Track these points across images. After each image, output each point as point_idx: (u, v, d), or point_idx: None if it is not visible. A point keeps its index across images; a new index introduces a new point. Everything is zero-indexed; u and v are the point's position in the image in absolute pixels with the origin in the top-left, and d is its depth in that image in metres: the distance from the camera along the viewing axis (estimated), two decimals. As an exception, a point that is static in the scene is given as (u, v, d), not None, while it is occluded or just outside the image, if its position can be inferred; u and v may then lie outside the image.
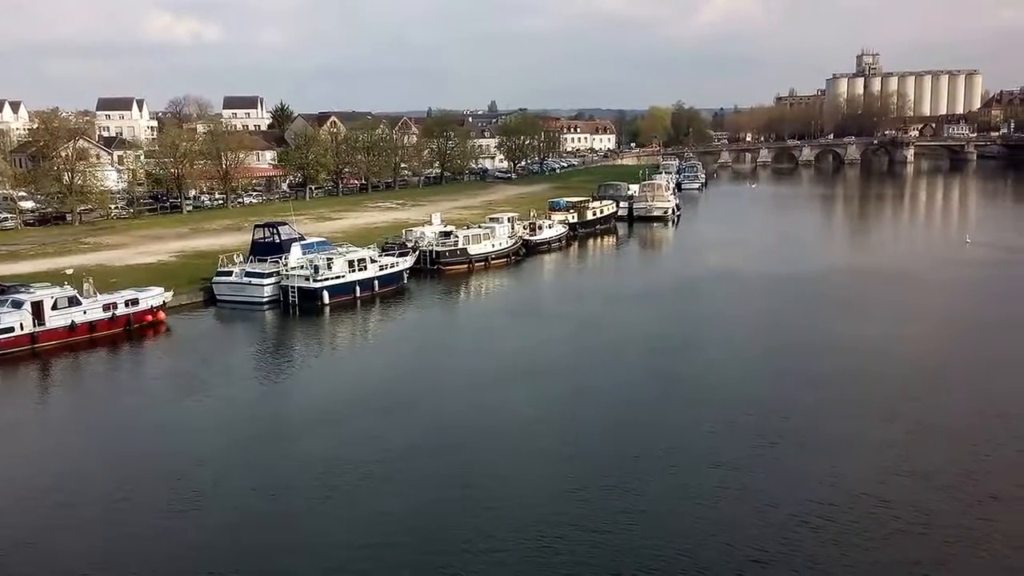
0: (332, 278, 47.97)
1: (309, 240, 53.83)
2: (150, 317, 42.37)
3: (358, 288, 49.05)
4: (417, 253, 56.70)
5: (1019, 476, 22.44)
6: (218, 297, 48.48)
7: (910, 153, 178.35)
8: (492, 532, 20.45)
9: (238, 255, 51.34)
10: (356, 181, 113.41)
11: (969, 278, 53.55)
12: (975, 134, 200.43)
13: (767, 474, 23.18)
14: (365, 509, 22.03)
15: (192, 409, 30.51)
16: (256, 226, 55.24)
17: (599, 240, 75.89)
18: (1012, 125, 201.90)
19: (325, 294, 47.23)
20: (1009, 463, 23.42)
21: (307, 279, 47.55)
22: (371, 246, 55.28)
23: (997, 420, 26.71)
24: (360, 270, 49.69)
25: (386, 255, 54.24)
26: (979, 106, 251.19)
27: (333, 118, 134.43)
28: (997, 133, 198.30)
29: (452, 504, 22.02)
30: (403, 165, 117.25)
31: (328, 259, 48.91)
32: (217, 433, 28.12)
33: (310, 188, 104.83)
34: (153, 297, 43.11)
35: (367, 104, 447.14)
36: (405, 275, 53.20)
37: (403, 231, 63.30)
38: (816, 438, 25.62)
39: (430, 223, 64.46)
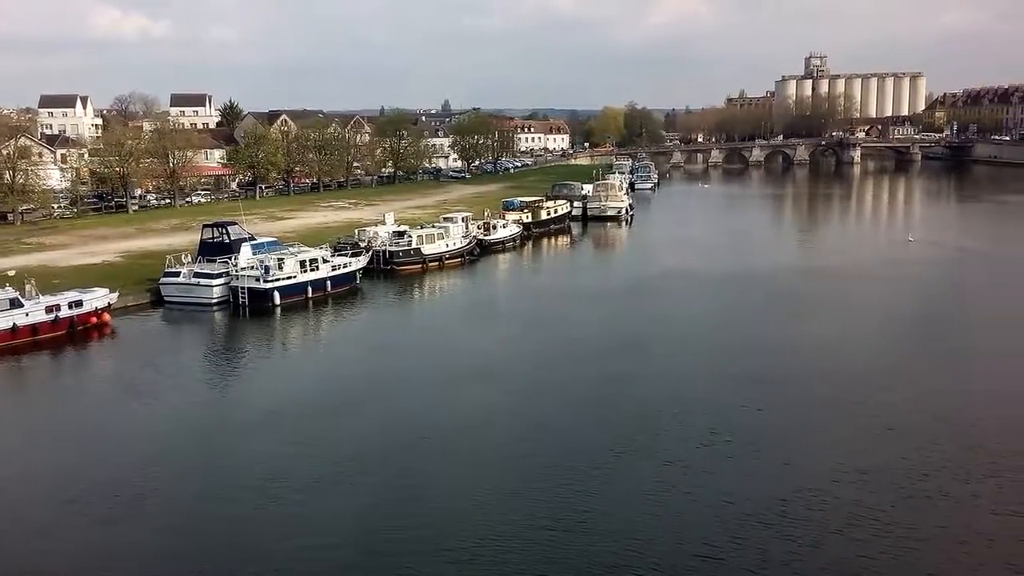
0: (283, 278, 47.32)
1: (259, 240, 53.08)
2: (95, 319, 41.37)
3: (310, 288, 48.46)
4: (370, 253, 56.14)
5: (963, 472, 22.74)
6: (166, 298, 47.54)
7: (857, 154, 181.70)
8: (443, 533, 20.30)
9: (186, 255, 50.38)
10: (308, 180, 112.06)
11: (910, 276, 54.46)
12: (919, 135, 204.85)
13: (719, 471, 23.33)
14: (314, 511, 21.66)
15: (138, 413, 29.85)
16: (205, 226, 54.29)
17: (553, 240, 76.02)
18: (955, 127, 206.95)
19: (276, 295, 46.56)
20: (953, 459, 23.73)
21: (257, 280, 46.83)
22: (323, 246, 54.74)
23: (942, 416, 27.13)
24: (312, 270, 49.10)
25: (339, 255, 53.67)
26: (923, 108, 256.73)
27: (284, 116, 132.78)
28: (941, 135, 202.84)
29: (403, 505, 21.78)
30: (356, 164, 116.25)
31: (279, 259, 48.23)
32: (163, 437, 27.50)
33: (260, 187, 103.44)
34: (98, 299, 42.09)
35: (319, 102, 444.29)
36: (358, 275, 52.71)
37: (356, 231, 62.73)
38: (766, 436, 25.84)
39: (383, 223, 64.04)
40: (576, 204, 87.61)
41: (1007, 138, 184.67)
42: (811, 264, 59.83)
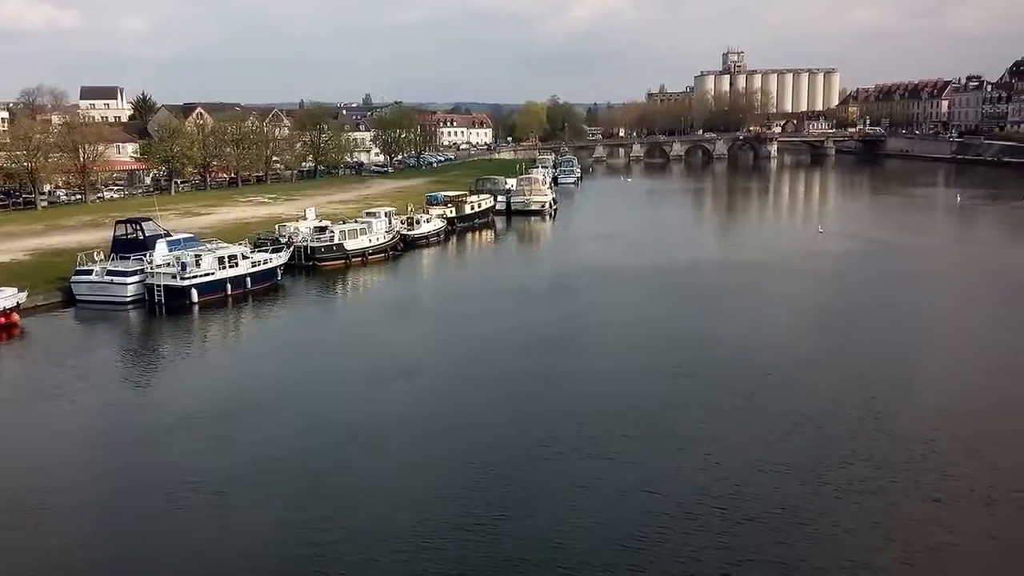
0: (201, 276, 46.21)
1: (176, 236, 51.66)
2: (3, 320, 39.75)
3: (229, 286, 47.46)
4: (291, 249, 55.31)
5: (880, 465, 23.13)
6: (78, 297, 46.01)
7: (774, 148, 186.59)
8: (364, 533, 20.12)
9: (99, 253, 48.81)
10: (225, 175, 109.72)
11: (819, 267, 55.89)
12: (833, 130, 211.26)
13: (641, 464, 23.59)
14: (231, 515, 21.24)
15: (47, 416, 28.76)
16: (118, 222, 52.59)
17: (477, 234, 76.06)
18: (867, 122, 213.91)
19: (194, 292, 45.44)
20: (870, 451, 24.16)
21: (174, 277, 45.65)
22: (242, 242, 53.64)
23: (855, 405, 27.80)
24: (231, 267, 48.09)
25: (259, 251, 52.78)
26: (837, 103, 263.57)
27: (199, 109, 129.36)
28: (854, 129, 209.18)
29: (323, 506, 21.49)
30: (275, 158, 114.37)
31: (196, 256, 47.06)
32: (73, 441, 26.64)
33: (176, 182, 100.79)
34: (5, 298, 40.42)
35: (236, 95, 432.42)
36: (279, 272, 51.86)
37: (276, 226, 61.77)
38: (686, 430, 26.03)
39: (304, 218, 63.16)
40: (500, 198, 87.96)
41: (917, 133, 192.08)
42: (727, 257, 61.15)
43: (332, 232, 58.63)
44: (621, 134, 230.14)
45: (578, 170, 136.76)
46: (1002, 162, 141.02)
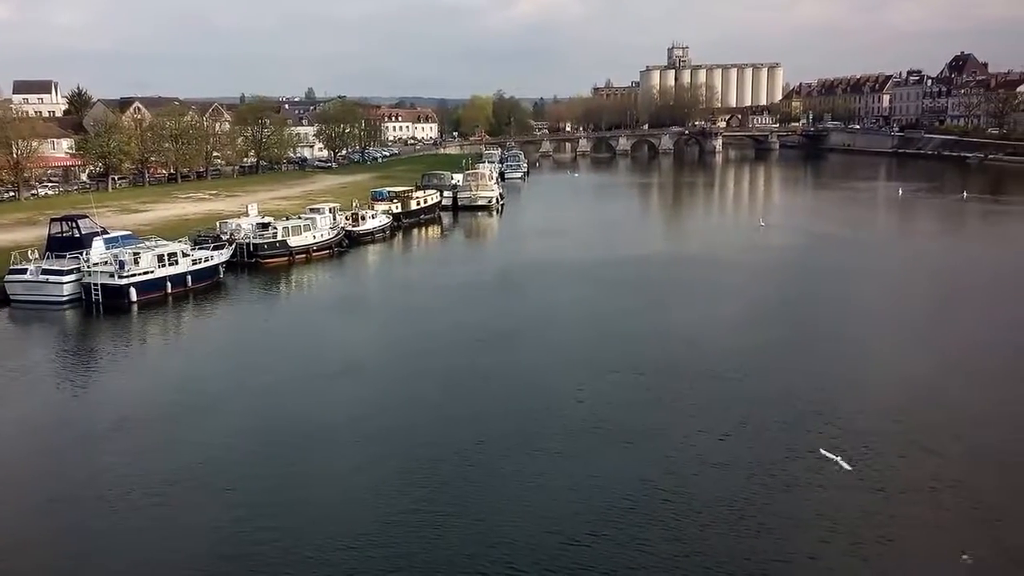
0: (140, 274, 45.17)
1: (113, 234, 50.45)
2: (-72, 322, 38.38)
3: (169, 284, 46.47)
4: (233, 246, 54.42)
5: (817, 463, 23.15)
6: (11, 297, 44.66)
7: (719, 143, 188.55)
8: (304, 533, 19.84)
9: (33, 251, 47.34)
10: (164, 171, 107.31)
11: (756, 260, 56.54)
12: (777, 125, 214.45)
13: (586, 459, 23.59)
14: (168, 519, 20.77)
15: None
16: (53, 220, 51.03)
17: (424, 230, 75.63)
18: (810, 116, 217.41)
19: (132, 291, 44.38)
20: (811, 445, 24.27)
21: (112, 275, 44.51)
22: (183, 239, 52.63)
23: (798, 405, 28.01)
24: (171, 265, 47.11)
25: (200, 248, 51.67)
26: (781, 98, 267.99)
27: (137, 104, 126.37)
28: (797, 124, 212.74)
29: (263, 507, 21.15)
30: (215, 154, 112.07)
31: (135, 254, 45.97)
32: (3, 444, 25.82)
33: (113, 178, 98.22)
34: (-69, 300, 39.05)
35: (174, 89, 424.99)
36: (221, 269, 50.96)
37: (217, 223, 60.54)
38: (630, 428, 25.94)
39: (246, 214, 62.03)
40: (446, 194, 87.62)
41: (859, 127, 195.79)
42: (671, 252, 61.74)
43: (275, 229, 57.74)
44: (567, 129, 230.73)
45: (525, 165, 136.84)
46: (942, 156, 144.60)
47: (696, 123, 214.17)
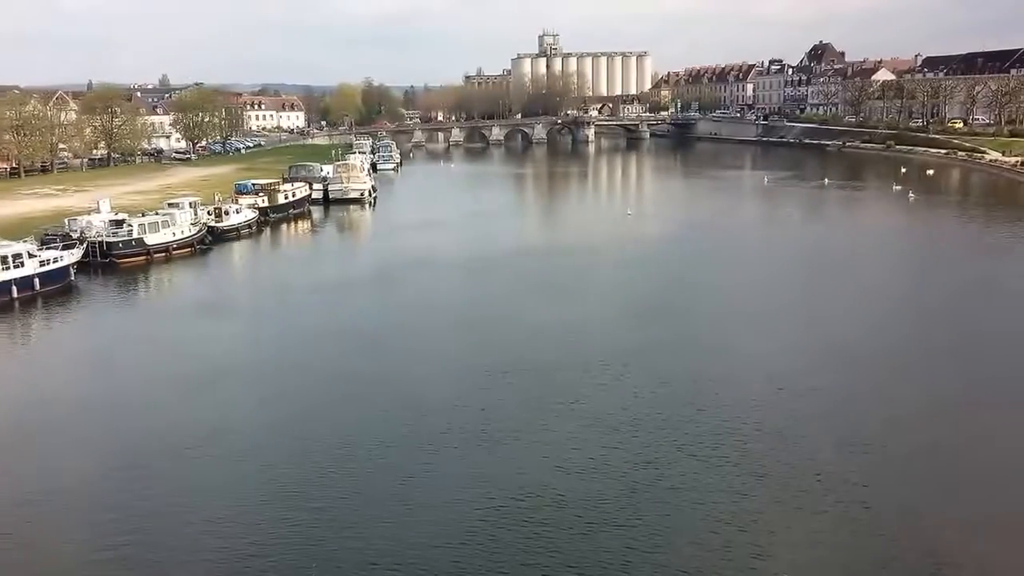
0: (-22, 279, 41.20)
1: (-54, 236, 45.92)
2: None
3: (15, 288, 43.04)
4: (85, 245, 50.68)
5: (689, 458, 22.96)
6: None
7: (591, 132, 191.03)
8: (172, 553, 18.21)
9: None
10: (5, 165, 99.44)
11: (624, 250, 57.02)
12: (648, 114, 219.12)
13: (451, 467, 22.68)
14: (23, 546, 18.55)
15: None
16: None
17: (293, 225, 72.83)
18: (679, 105, 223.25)
19: (-31, 298, 40.43)
20: (679, 446, 23.90)
21: (-54, 281, 40.42)
22: (28, 239, 49.08)
23: (666, 395, 27.75)
24: (16, 267, 43.58)
25: (48, 249, 48.05)
26: (650, 87, 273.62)
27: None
28: (666, 113, 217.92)
29: (125, 537, 19.25)
30: (62, 146, 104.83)
31: (-29, 257, 41.93)
32: None
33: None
34: None
35: (13, 76, 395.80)
36: (72, 271, 47.39)
37: (66, 221, 56.32)
38: (502, 430, 25.10)
39: (98, 211, 57.92)
40: (316, 186, 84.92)
41: (725, 115, 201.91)
42: (544, 243, 61.45)
43: (130, 225, 54.37)
44: (440, 118, 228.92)
45: (397, 155, 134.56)
46: (803, 144, 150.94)
47: (568, 112, 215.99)
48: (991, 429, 24.72)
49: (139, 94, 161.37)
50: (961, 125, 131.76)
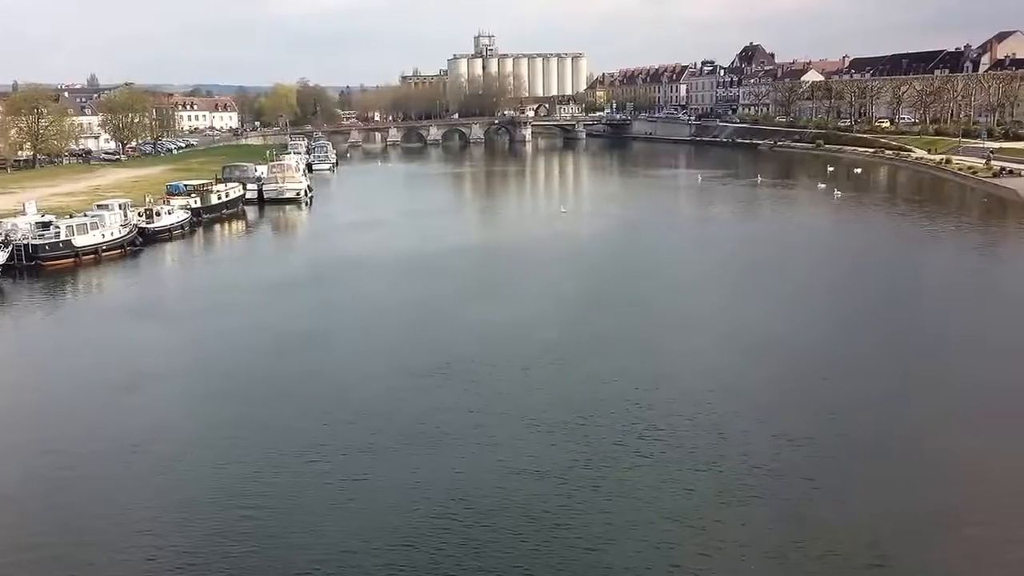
0: None
1: None
2: None
3: (-70, 294, 41.30)
4: (10, 248, 49.29)
5: (624, 459, 22.86)
6: None
7: (528, 132, 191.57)
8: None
9: None
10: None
11: (558, 244, 57.74)
12: (584, 114, 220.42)
13: (389, 472, 22.39)
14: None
15: None
16: None
17: (227, 225, 71.66)
18: (614, 106, 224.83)
19: None
20: (614, 445, 23.81)
21: None
22: (-54, 243, 47.02)
23: (603, 394, 27.70)
24: (-68, 273, 41.87)
25: (-32, 253, 46.38)
26: (585, 87, 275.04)
27: None
28: (602, 113, 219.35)
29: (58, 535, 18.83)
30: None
31: None
32: None
33: None
34: None
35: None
36: (-6, 275, 45.86)
37: (-11, 223, 54.46)
38: (440, 431, 24.95)
39: (23, 212, 56.22)
40: (250, 187, 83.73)
41: (659, 115, 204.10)
42: (480, 241, 61.74)
43: (58, 227, 52.99)
44: (376, 118, 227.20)
45: (333, 155, 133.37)
46: (735, 143, 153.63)
47: (505, 112, 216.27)
48: (925, 421, 25.15)
49: (67, 94, 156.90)
50: (888, 124, 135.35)
